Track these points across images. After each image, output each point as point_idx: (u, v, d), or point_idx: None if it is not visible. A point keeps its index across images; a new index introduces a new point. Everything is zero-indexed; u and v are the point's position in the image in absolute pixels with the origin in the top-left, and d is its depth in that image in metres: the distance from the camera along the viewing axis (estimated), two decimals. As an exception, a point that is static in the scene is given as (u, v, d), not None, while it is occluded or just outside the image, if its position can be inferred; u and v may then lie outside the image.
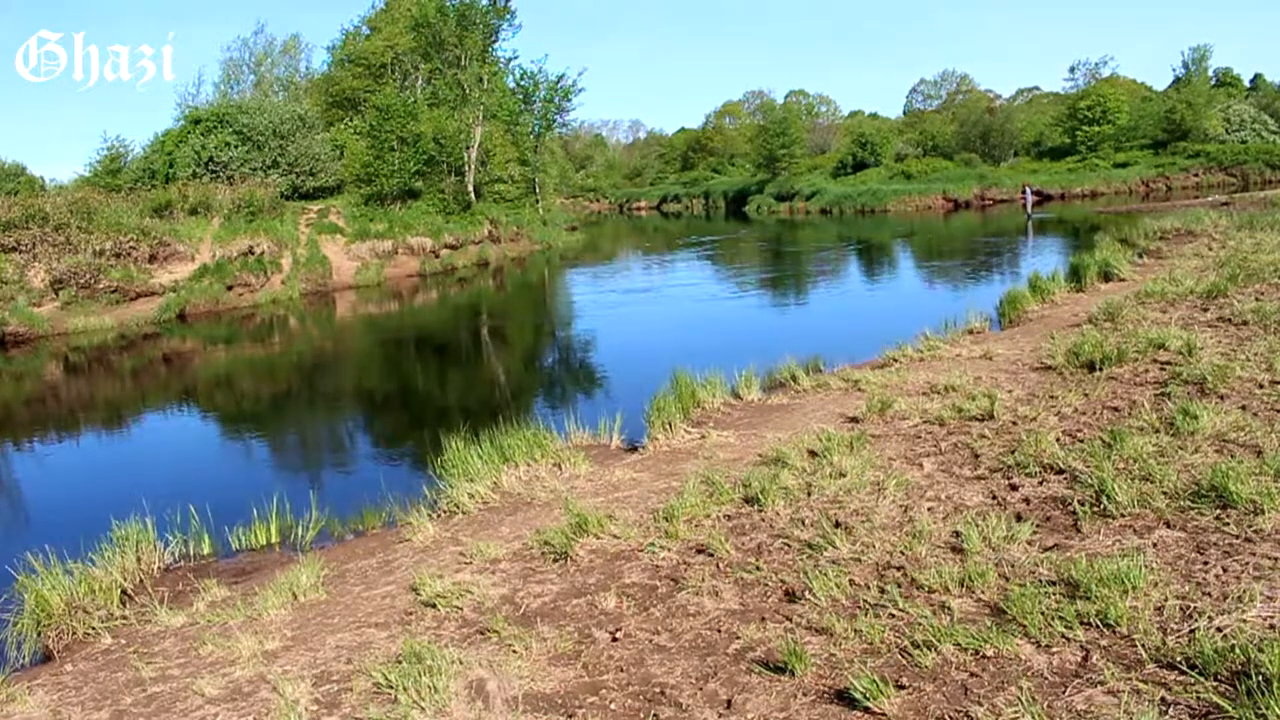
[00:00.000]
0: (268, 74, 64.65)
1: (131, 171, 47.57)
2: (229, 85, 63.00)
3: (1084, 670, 4.37)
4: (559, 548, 7.09)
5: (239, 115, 45.36)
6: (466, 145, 49.36)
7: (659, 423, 10.96)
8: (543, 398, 17.55)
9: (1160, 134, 77.82)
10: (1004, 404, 9.60)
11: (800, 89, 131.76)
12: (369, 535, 9.33)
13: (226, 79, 63.55)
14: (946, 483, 7.44)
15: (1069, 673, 4.38)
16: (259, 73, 64.45)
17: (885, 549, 6.16)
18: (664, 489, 8.49)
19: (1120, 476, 6.71)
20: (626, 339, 23.16)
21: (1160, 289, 15.49)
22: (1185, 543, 5.62)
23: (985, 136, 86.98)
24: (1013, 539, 5.99)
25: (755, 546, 6.59)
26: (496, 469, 9.85)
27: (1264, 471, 6.42)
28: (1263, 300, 13.27)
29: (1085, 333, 12.73)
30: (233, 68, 63.99)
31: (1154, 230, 26.22)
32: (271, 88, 62.93)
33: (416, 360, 23.41)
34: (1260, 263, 16.79)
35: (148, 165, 47.02)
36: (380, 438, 16.05)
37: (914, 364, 13.16)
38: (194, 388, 21.28)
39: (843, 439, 8.81)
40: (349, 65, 59.10)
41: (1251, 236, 22.01)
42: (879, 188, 78.19)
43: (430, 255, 42.03)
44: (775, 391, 12.72)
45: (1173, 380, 9.55)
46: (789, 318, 24.93)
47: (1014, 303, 17.16)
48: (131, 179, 46.05)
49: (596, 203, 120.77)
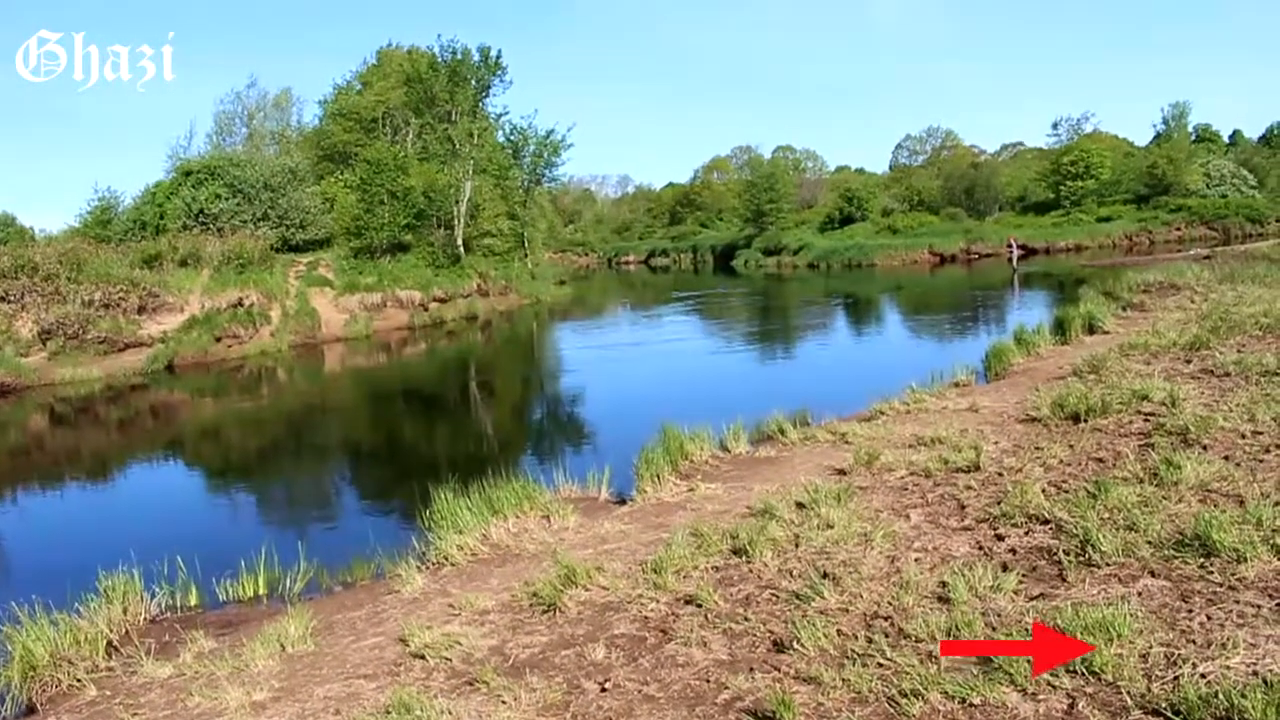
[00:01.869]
0: (260, 127, 65.18)
1: (122, 222, 47.77)
2: (221, 138, 63.50)
3: (1070, 718, 4.39)
4: (548, 599, 7.09)
5: (230, 168, 45.64)
6: (456, 199, 49.63)
7: (647, 475, 10.98)
8: (531, 450, 17.56)
9: (1142, 189, 78.85)
10: (990, 455, 9.66)
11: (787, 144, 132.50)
12: (357, 587, 9.31)
13: (219, 131, 64.06)
14: (933, 533, 7.48)
15: (1055, 721, 4.40)
16: (251, 126, 64.97)
17: (873, 599, 6.18)
18: (652, 541, 8.51)
19: (1105, 526, 6.76)
20: (615, 392, 23.20)
21: (1144, 341, 15.62)
22: (1169, 591, 5.66)
23: (970, 191, 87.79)
24: (999, 588, 6.02)
25: (743, 597, 6.61)
26: (485, 521, 9.84)
27: (1247, 520, 6.47)
28: (1244, 352, 13.39)
29: (1070, 385, 12.81)
30: (225, 120, 64.56)
31: (1137, 283, 26.42)
32: (263, 141, 63.43)
33: (405, 413, 23.41)
34: (1242, 315, 16.95)
35: (138, 216, 47.22)
36: (369, 490, 16.03)
37: (901, 417, 13.22)
38: (182, 439, 21.24)
39: (830, 491, 8.85)
40: (340, 119, 59.55)
41: (1233, 289, 22.23)
42: (866, 242, 78.71)
43: (419, 308, 42.09)
44: (763, 444, 12.75)
45: (1156, 431, 9.63)
46: (777, 372, 25.01)
47: (1000, 356, 17.25)
48: (122, 230, 46.22)
49: (585, 257, 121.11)
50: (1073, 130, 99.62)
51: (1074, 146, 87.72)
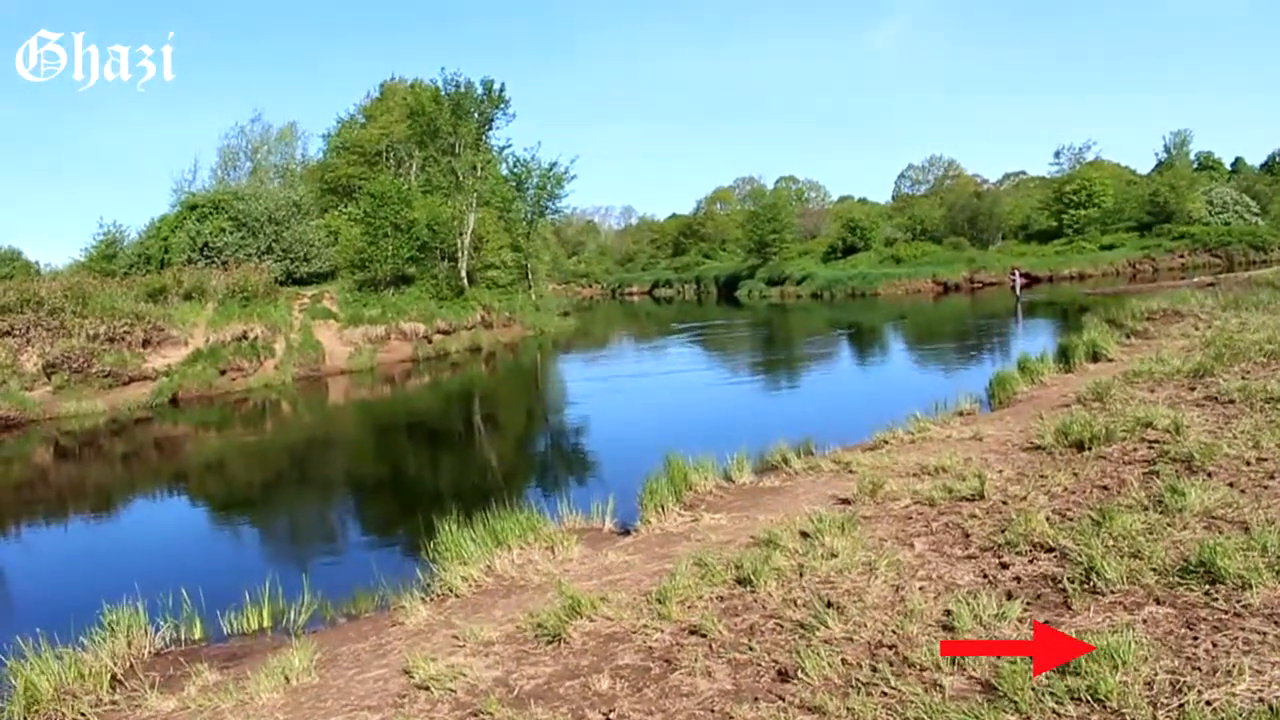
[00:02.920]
0: (264, 161, 65.63)
1: (127, 256, 48.02)
2: (225, 172, 63.95)
3: (1075, 746, 4.39)
4: (552, 630, 7.08)
5: (235, 202, 45.93)
6: (460, 231, 49.87)
7: (651, 505, 10.99)
8: (535, 481, 17.56)
9: (1145, 216, 79.04)
10: (994, 484, 9.66)
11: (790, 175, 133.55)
12: (362, 619, 9.31)
13: (223, 165, 64.54)
14: (938, 562, 7.47)
15: (1061, 749, 4.40)
16: (255, 160, 65.44)
17: (877, 628, 6.18)
18: (657, 571, 8.50)
19: (1110, 554, 6.76)
20: (619, 423, 23.22)
21: (1148, 368, 15.61)
22: (1174, 618, 5.66)
23: (973, 220, 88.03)
24: (1004, 617, 6.01)
25: (748, 627, 6.61)
26: (489, 552, 9.85)
27: (1251, 547, 6.46)
28: (1249, 379, 13.38)
29: (1074, 413, 12.81)
30: (229, 154, 65.05)
31: (1141, 311, 26.44)
32: (268, 174, 63.82)
33: (409, 445, 23.43)
34: (1246, 342, 16.95)
35: (143, 250, 47.47)
36: (373, 522, 16.03)
37: (905, 446, 13.22)
38: (186, 472, 21.26)
39: (834, 520, 8.84)
40: (344, 153, 59.98)
41: (1237, 316, 22.22)
42: (869, 271, 79.00)
43: (423, 340, 42.22)
44: (767, 474, 12.75)
45: (1161, 458, 9.62)
46: (781, 401, 25.02)
47: (1003, 384, 17.28)
48: (127, 264, 46.46)
49: (589, 288, 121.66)
50: (1075, 159, 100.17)
51: (1076, 175, 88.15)
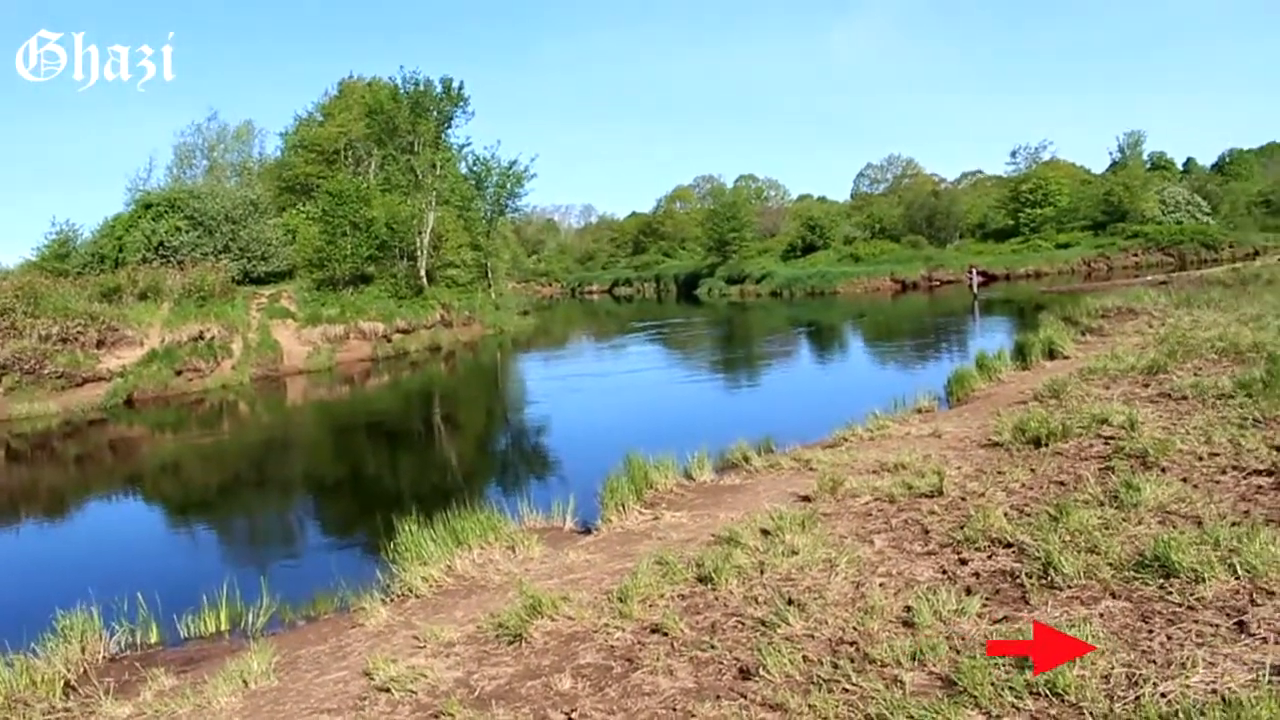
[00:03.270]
0: (220, 159, 64.87)
1: (80, 256, 47.21)
2: (181, 170, 63.13)
3: (1034, 740, 4.43)
4: (513, 630, 7.06)
5: (190, 200, 45.32)
6: (419, 230, 49.58)
7: (612, 504, 10.99)
8: (496, 481, 17.50)
9: (1100, 216, 80.00)
10: (953, 480, 9.73)
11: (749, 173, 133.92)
12: (321, 620, 9.23)
13: (179, 164, 63.70)
14: (897, 559, 7.52)
15: (1019, 743, 4.43)
16: (212, 158, 64.66)
17: (838, 625, 6.20)
18: (618, 570, 8.49)
19: (1067, 549, 6.82)
20: (579, 422, 23.18)
21: (1103, 366, 15.79)
22: (1130, 612, 5.72)
23: (931, 219, 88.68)
24: (963, 612, 6.05)
25: (709, 625, 6.61)
26: (450, 552, 9.79)
27: (1204, 541, 6.55)
28: (1201, 375, 13.57)
29: (1031, 409, 12.93)
30: (185, 152, 64.18)
31: (1096, 309, 26.76)
32: (224, 173, 63.08)
33: (369, 445, 23.27)
34: (1198, 339, 17.19)
35: (97, 250, 46.72)
36: (332, 523, 15.91)
37: (864, 443, 13.29)
38: (141, 475, 20.99)
39: (795, 517, 8.87)
40: (302, 151, 59.38)
41: (1189, 314, 22.54)
42: (828, 270, 79.40)
43: (382, 339, 42.00)
44: (728, 472, 12.77)
45: (1116, 454, 9.73)
46: (741, 400, 25.08)
47: (962, 381, 17.42)
48: (80, 263, 45.69)
49: (548, 287, 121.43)
50: (1031, 158, 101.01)
51: (1032, 174, 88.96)
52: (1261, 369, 12.64)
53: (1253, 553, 6.14)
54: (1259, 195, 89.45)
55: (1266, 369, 12.51)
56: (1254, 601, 5.59)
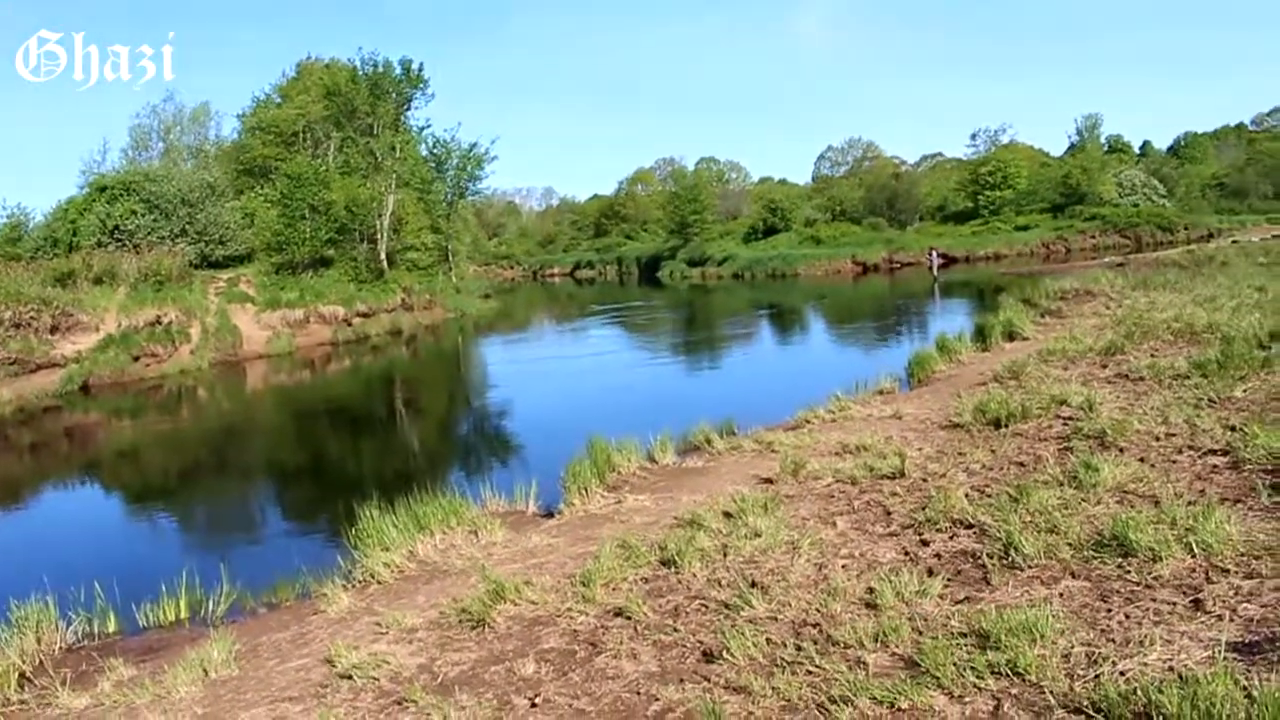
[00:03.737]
0: (176, 141, 63.96)
1: (32, 240, 46.40)
2: (136, 152, 62.16)
3: (996, 719, 4.46)
4: (476, 615, 7.03)
5: (146, 183, 44.65)
6: (379, 213, 49.23)
7: (575, 488, 10.96)
8: (458, 465, 17.43)
9: (1058, 198, 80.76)
10: (914, 462, 9.78)
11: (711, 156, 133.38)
12: (282, 608, 9.15)
13: (134, 146, 62.74)
14: (860, 540, 7.55)
15: (981, 723, 4.46)
16: (168, 140, 63.72)
17: (801, 607, 6.22)
18: (581, 554, 8.48)
19: (1027, 529, 6.88)
20: (541, 406, 23.11)
21: (1061, 347, 15.93)
22: (1089, 591, 5.77)
23: (891, 201, 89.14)
24: (925, 593, 6.09)
25: (673, 608, 6.61)
26: (412, 538, 9.74)
27: (1162, 520, 6.62)
28: (1157, 357, 13.73)
29: (991, 391, 13.03)
30: (140, 134, 63.21)
31: (1054, 291, 27.00)
32: (180, 155, 62.21)
33: (330, 430, 23.10)
34: (1154, 321, 17.37)
35: (50, 234, 45.91)
36: (293, 509, 15.79)
37: (826, 425, 13.34)
38: (98, 462, 20.72)
39: (757, 500, 8.89)
40: (260, 133, 58.64)
41: (1146, 296, 22.79)
42: (789, 252, 79.57)
43: (343, 324, 41.68)
44: (690, 455, 12.78)
45: (1075, 435, 9.82)
46: (703, 382, 25.11)
47: (922, 363, 17.50)
48: (32, 247, 44.90)
49: (510, 270, 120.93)
50: (990, 141, 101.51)
51: (992, 157, 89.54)
52: (1216, 350, 12.80)
53: (1208, 531, 6.21)
54: (1213, 178, 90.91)
55: (1221, 350, 12.67)
56: (1209, 579, 5.66)
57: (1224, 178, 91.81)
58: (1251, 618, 5.06)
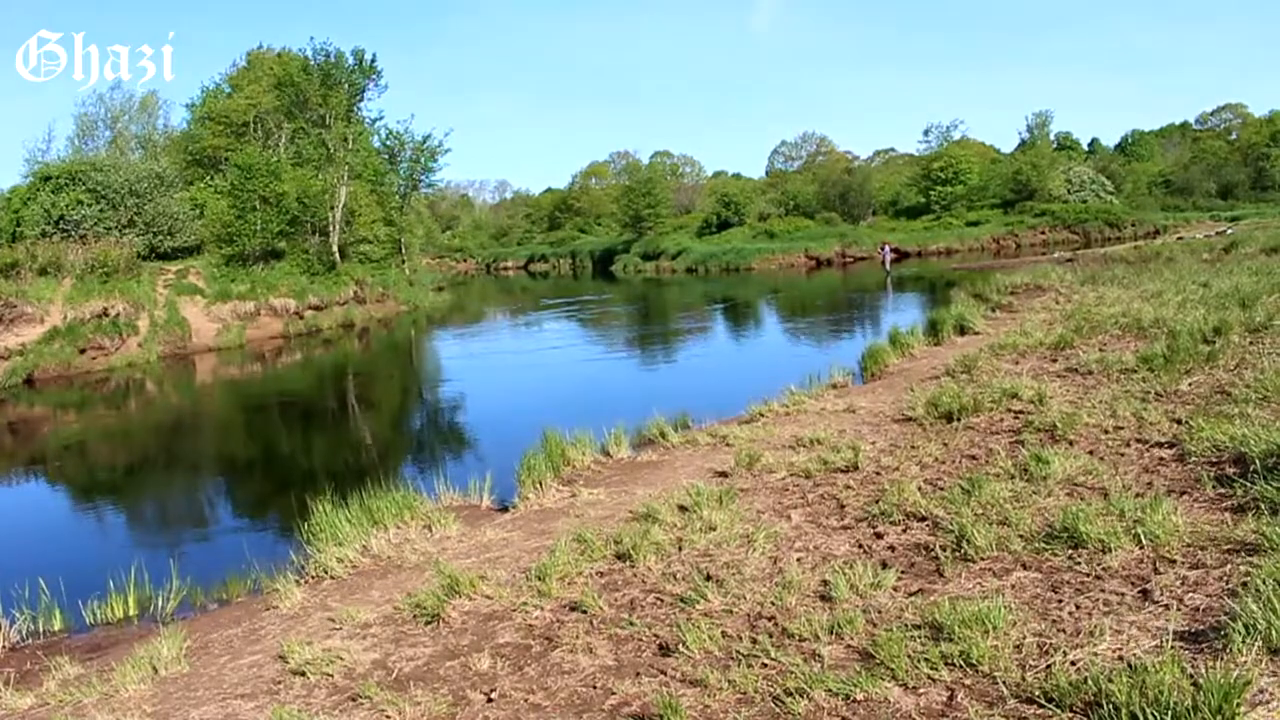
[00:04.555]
0: (124, 130, 62.98)
1: (-26, 230, 45.57)
2: (82, 141, 61.14)
3: (949, 709, 4.49)
4: (431, 610, 6.99)
5: (92, 173, 43.88)
6: (331, 205, 48.81)
7: (529, 482, 10.95)
8: (412, 459, 17.33)
9: (1008, 194, 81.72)
10: (868, 455, 9.85)
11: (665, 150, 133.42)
12: (234, 604, 9.05)
13: (80, 134, 61.69)
14: (814, 533, 7.59)
15: (935, 712, 4.49)
16: (115, 129, 62.74)
17: (756, 600, 6.24)
18: (536, 548, 8.46)
19: (979, 521, 6.94)
20: (495, 399, 23.04)
21: (1012, 341, 16.09)
22: (1040, 583, 5.84)
23: (845, 196, 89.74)
24: (879, 586, 6.13)
25: (628, 602, 6.62)
26: (365, 532, 9.68)
27: (1110, 512, 6.71)
28: (1106, 351, 13.90)
29: (943, 384, 13.14)
30: (86, 123, 62.14)
31: (1005, 286, 27.26)
32: (128, 144, 61.29)
33: (281, 424, 22.88)
34: (1103, 315, 17.59)
35: (-9, 224, 45.13)
36: (244, 504, 15.62)
37: (780, 418, 13.39)
38: (43, 457, 20.36)
39: (712, 493, 8.91)
40: (210, 123, 57.89)
41: (1094, 291, 23.06)
42: (743, 246, 79.79)
43: (294, 317, 41.29)
44: (645, 449, 12.80)
45: (1026, 428, 9.93)
46: (657, 376, 25.12)
47: (875, 357, 17.61)
48: (-26, 238, 44.09)
49: (463, 263, 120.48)
50: (942, 137, 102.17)
51: (944, 153, 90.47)
52: (1162, 344, 12.99)
53: (1156, 523, 6.30)
54: (1159, 175, 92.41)
55: (1167, 344, 12.86)
56: (1157, 570, 5.74)
57: (1170, 175, 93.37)
58: (1197, 607, 5.14)
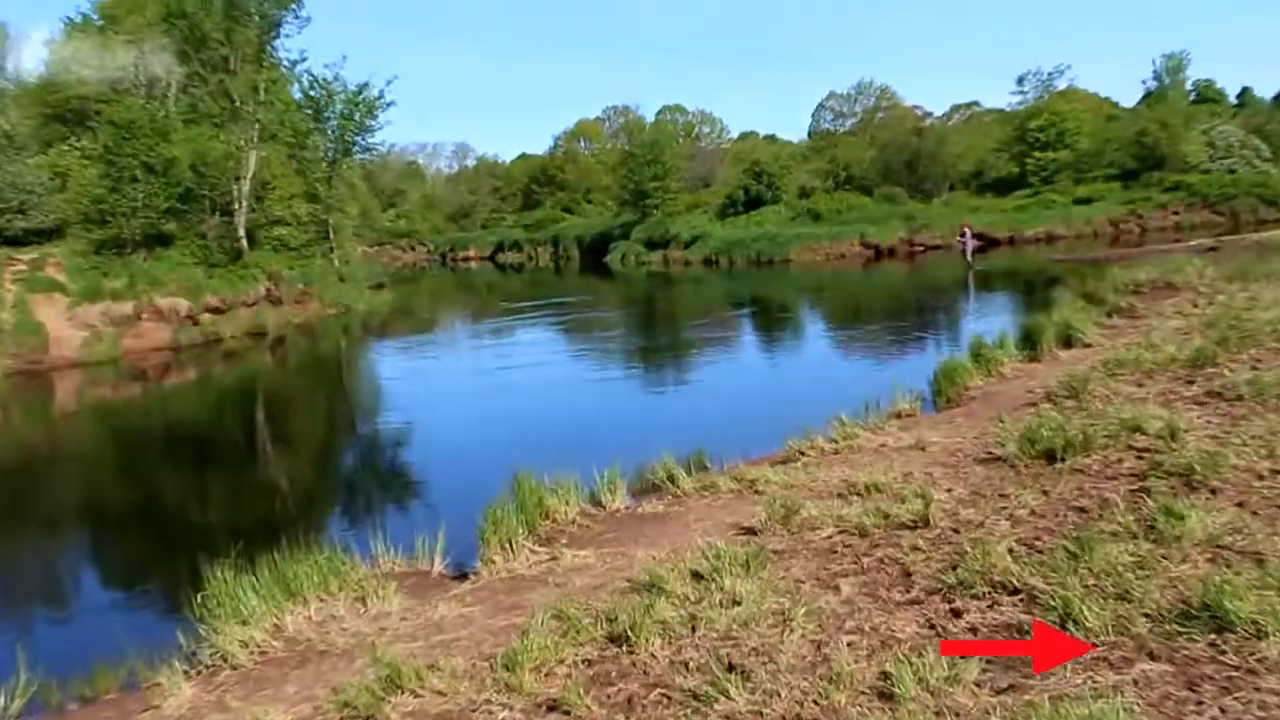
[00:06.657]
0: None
1: None
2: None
3: (1050, 847, 4.47)
4: (364, 710, 6.98)
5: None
6: (237, 175, 48.91)
7: (496, 541, 10.93)
8: (341, 511, 17.34)
9: (1130, 162, 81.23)
10: (942, 506, 9.82)
11: (676, 104, 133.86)
12: (101, 702, 9.03)
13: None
14: (871, 609, 7.56)
15: None
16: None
17: (794, 698, 6.21)
18: (504, 627, 8.45)
19: (1090, 595, 6.91)
20: (452, 432, 23.01)
21: (1135, 357, 16.05)
22: (1173, 677, 5.80)
23: (912, 165, 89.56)
24: (957, 680, 6.09)
25: (624, 700, 6.59)
26: (278, 607, 9.66)
27: (1267, 585, 6.66)
28: (1260, 369, 13.85)
29: (1042, 413, 13.09)
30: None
31: (1125, 283, 27.22)
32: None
33: (168, 465, 22.87)
34: (1256, 322, 17.52)
35: None
36: (117, 571, 15.61)
37: (827, 457, 13.38)
38: None
39: (736, 556, 8.88)
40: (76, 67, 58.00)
41: (1245, 289, 23.00)
42: (779, 232, 79.72)
43: (187, 322, 41.37)
44: (648, 497, 12.79)
45: (1152, 472, 9.88)
46: (665, 402, 25.11)
47: (952, 377, 17.57)
48: None
49: (411, 252, 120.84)
50: (1042, 88, 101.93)
51: (1043, 108, 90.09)
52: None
53: (1326, 598, 6.27)
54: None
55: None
56: (1328, 661, 5.71)
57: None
58: (1381, 711, 5.12)
